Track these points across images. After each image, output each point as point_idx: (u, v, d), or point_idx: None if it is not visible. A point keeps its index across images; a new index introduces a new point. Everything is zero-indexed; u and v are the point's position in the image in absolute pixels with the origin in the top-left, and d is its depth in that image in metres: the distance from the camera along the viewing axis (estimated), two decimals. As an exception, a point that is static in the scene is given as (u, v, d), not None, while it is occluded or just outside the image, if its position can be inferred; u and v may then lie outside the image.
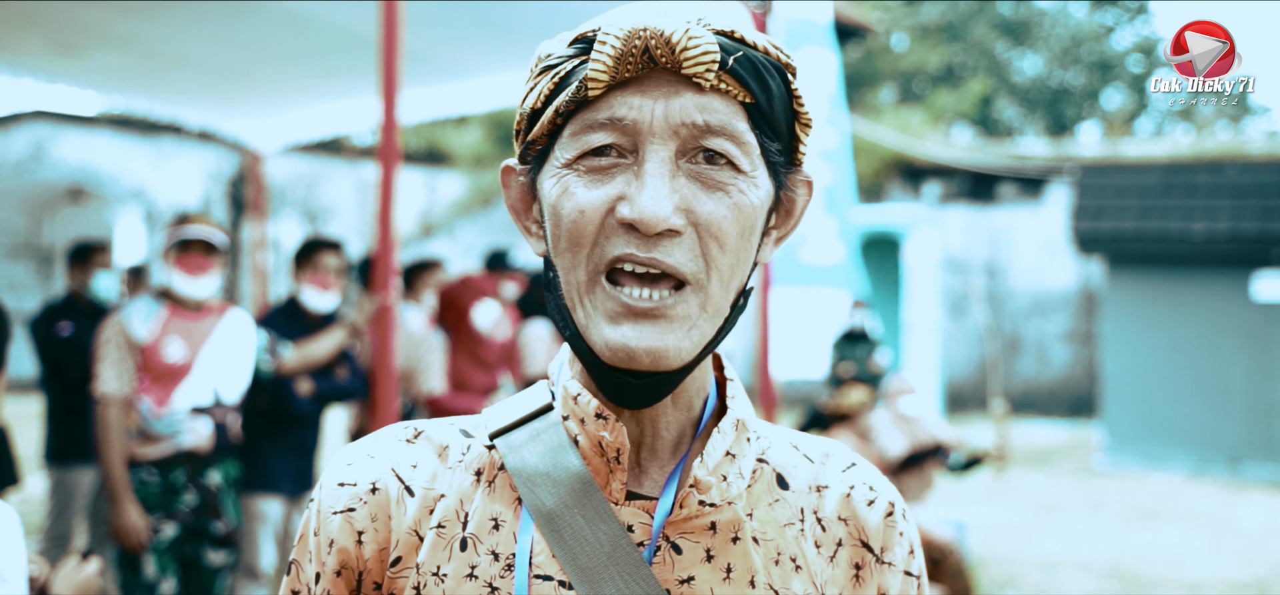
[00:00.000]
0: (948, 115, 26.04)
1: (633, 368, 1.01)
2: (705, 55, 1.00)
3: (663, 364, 1.01)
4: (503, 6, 5.42)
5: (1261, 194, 12.92)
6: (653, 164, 1.00)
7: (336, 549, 1.10)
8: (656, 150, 1.00)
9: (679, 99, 1.01)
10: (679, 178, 1.01)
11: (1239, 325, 13.08)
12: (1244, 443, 13.02)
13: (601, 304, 1.02)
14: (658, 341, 1.00)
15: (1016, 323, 18.01)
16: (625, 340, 1.00)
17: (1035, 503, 10.80)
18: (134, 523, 4.43)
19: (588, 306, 1.03)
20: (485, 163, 20.57)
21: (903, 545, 1.16)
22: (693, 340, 1.03)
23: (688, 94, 1.01)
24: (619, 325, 1.01)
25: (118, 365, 4.49)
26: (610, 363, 1.02)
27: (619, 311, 1.01)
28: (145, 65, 6.66)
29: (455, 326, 6.54)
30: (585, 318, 1.03)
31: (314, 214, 18.67)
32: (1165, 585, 7.91)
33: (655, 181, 0.99)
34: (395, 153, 4.47)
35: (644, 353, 1.00)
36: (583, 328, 1.04)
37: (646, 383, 1.04)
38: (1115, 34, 31.61)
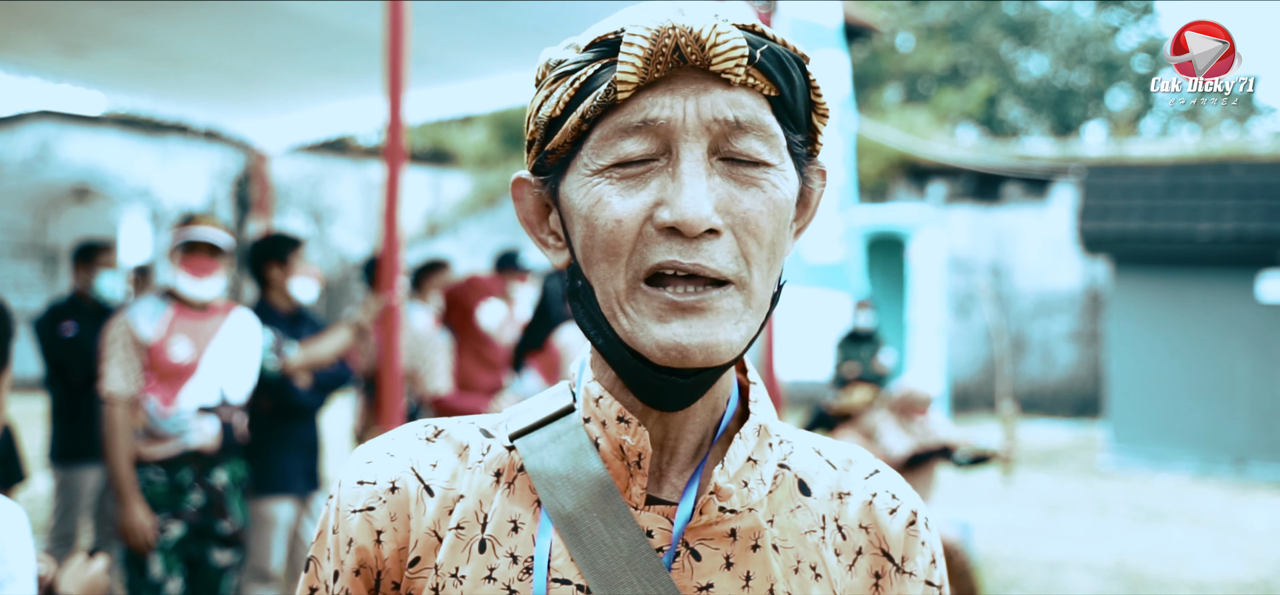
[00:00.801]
0: (953, 115, 26.03)
1: (686, 366, 1.00)
2: (735, 50, 0.99)
3: (715, 358, 1.00)
4: (508, 7, 5.43)
5: (1267, 194, 12.89)
6: (688, 163, 0.99)
7: (355, 548, 1.09)
8: (691, 149, 0.99)
9: (709, 96, 1.00)
10: (714, 177, 1.01)
11: (1244, 326, 13.06)
12: (1249, 443, 13.00)
13: (646, 307, 1.01)
14: (708, 336, 0.99)
15: (1021, 323, 17.99)
16: (676, 337, 0.99)
17: (1040, 503, 10.79)
18: (140, 522, 4.44)
19: (630, 313, 1.02)
20: (490, 163, 20.60)
21: (924, 555, 1.15)
22: (742, 333, 1.02)
23: (717, 90, 1.00)
24: (668, 323, 1.00)
25: (124, 365, 4.50)
26: (663, 363, 1.00)
27: (666, 309, 1.00)
28: (151, 65, 6.68)
29: (461, 326, 6.54)
30: (629, 324, 1.02)
31: (319, 213, 18.70)
32: (1170, 586, 7.90)
33: (693, 182, 0.98)
34: (401, 153, 4.48)
35: (697, 348, 0.99)
36: (627, 335, 1.02)
37: (692, 382, 1.03)
38: (1121, 34, 31.57)
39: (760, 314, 1.04)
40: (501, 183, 20.23)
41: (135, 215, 17.57)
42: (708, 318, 1.00)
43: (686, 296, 0.99)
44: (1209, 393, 13.21)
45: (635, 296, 1.01)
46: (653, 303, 1.00)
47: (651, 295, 1.00)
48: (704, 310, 0.99)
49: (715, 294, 1.00)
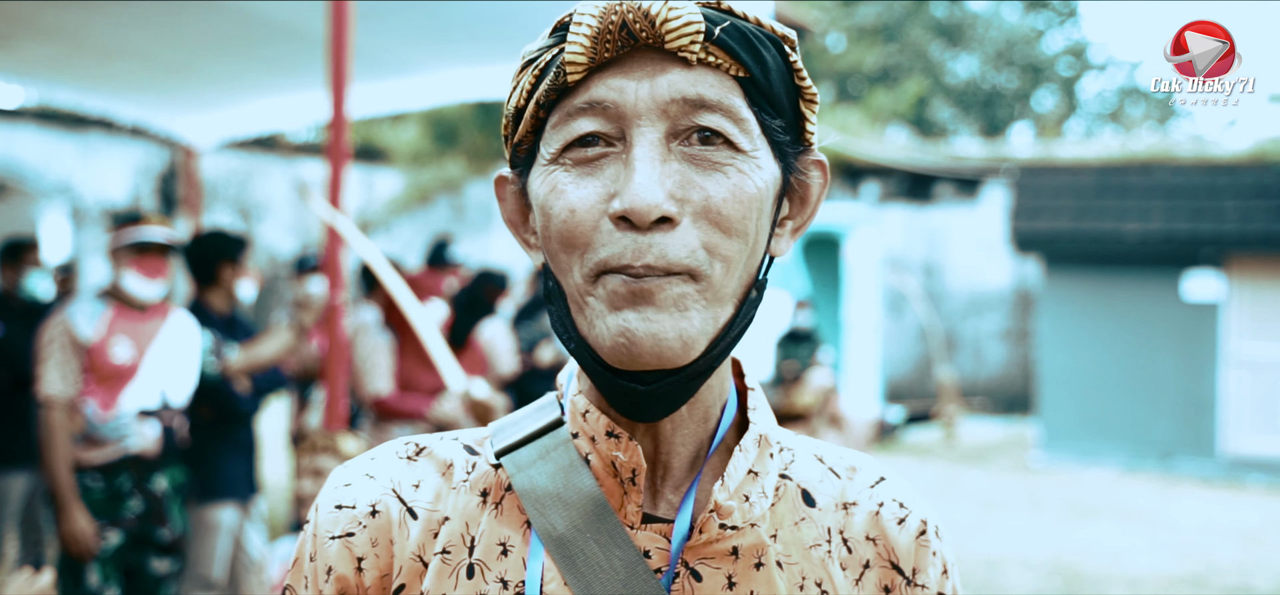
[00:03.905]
0: (884, 115, 26.30)
1: (635, 365, 0.93)
2: (688, 26, 0.92)
3: (667, 354, 0.92)
4: (446, 6, 5.34)
5: (1191, 195, 13.21)
6: (641, 148, 0.92)
7: (335, 577, 1.03)
8: (645, 133, 0.92)
9: (665, 76, 0.93)
10: (671, 161, 0.93)
11: (1170, 324, 13.35)
12: (1175, 439, 13.30)
13: (602, 292, 0.93)
14: (659, 328, 0.91)
15: (953, 321, 18.23)
16: (625, 325, 0.92)
17: (975, 500, 10.92)
18: (82, 530, 4.30)
19: (589, 304, 0.95)
20: (423, 160, 20.38)
21: (936, 566, 1.10)
22: (698, 327, 0.93)
23: (675, 70, 0.93)
24: (620, 311, 0.92)
25: (62, 366, 4.36)
26: (612, 361, 0.94)
27: (619, 291, 0.92)
28: (77, 57, 6.47)
29: (402, 327, 6.43)
30: (587, 320, 0.96)
31: (247, 211, 18.36)
32: (1106, 581, 8.02)
33: (645, 166, 0.91)
34: (344, 150, 4.38)
35: (645, 339, 0.91)
36: (586, 332, 0.96)
37: (656, 389, 0.95)
38: (1046, 37, 32.15)
39: (721, 307, 0.96)
40: (434, 180, 20.03)
41: (55, 213, 17.10)
42: (660, 304, 0.92)
43: (636, 283, 0.91)
44: (1136, 389, 13.49)
45: (595, 288, 0.94)
46: (607, 287, 0.93)
47: (607, 280, 0.93)
48: (653, 295, 0.91)
49: (668, 280, 0.92)
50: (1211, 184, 13.28)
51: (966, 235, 18.07)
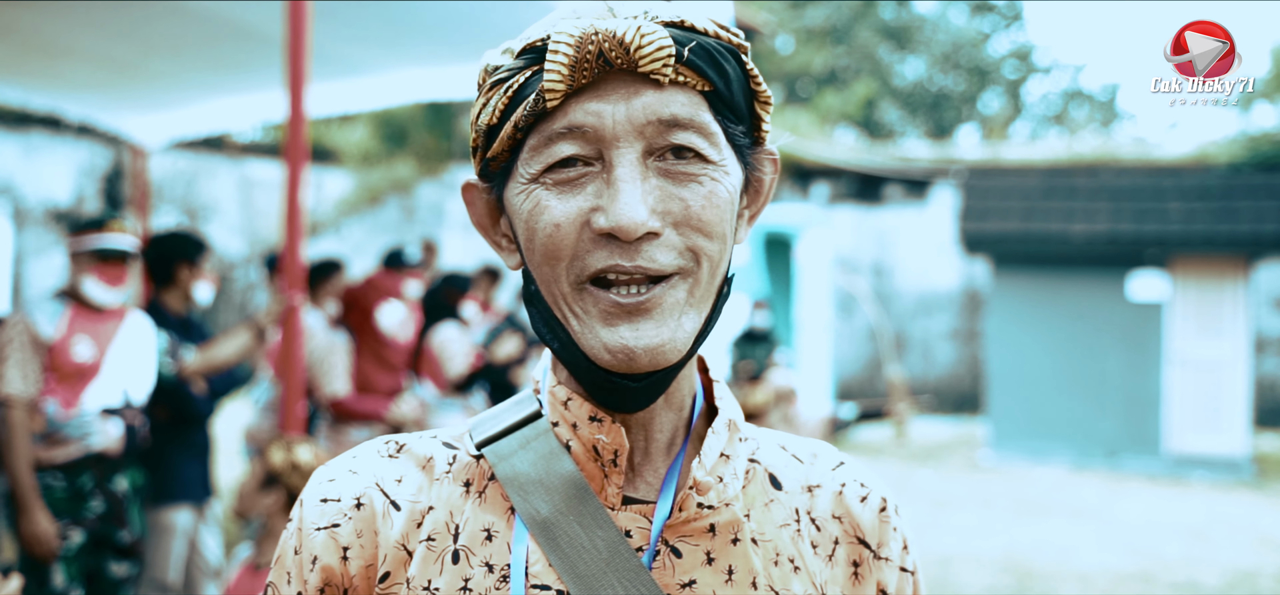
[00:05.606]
0: (832, 117, 26.47)
1: (632, 371, 1.00)
2: (661, 50, 0.98)
3: (661, 360, 1.00)
4: (398, 7, 5.28)
5: (1136, 197, 13.44)
6: (622, 169, 0.98)
7: (320, 566, 1.06)
8: (624, 154, 0.99)
9: (640, 98, 0.99)
10: (650, 179, 1.00)
11: (1116, 323, 13.57)
12: (1121, 436, 13.51)
13: (593, 308, 1.01)
14: (654, 338, 0.99)
15: (903, 322, 18.38)
16: (623, 341, 0.99)
17: (927, 498, 11.02)
18: (45, 530, 4.21)
19: (579, 313, 1.02)
20: (372, 160, 20.20)
21: (897, 540, 1.17)
22: (686, 329, 1.02)
23: (647, 92, 0.99)
24: (615, 327, 1.00)
25: (23, 365, 4.27)
26: (611, 367, 1.00)
27: (612, 311, 0.99)
28: (23, 55, 6.32)
29: (360, 328, 6.37)
30: (579, 326, 1.02)
31: (194, 211, 18.09)
32: (1056, 578, 8.12)
33: (627, 187, 0.97)
34: (303, 150, 4.32)
35: (643, 352, 0.99)
36: (577, 336, 1.02)
37: (645, 384, 1.03)
38: (992, 40, 32.55)
39: (705, 306, 1.04)
40: (384, 181, 19.86)
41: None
42: (655, 317, 1.00)
43: (632, 297, 0.99)
44: (1083, 388, 13.69)
45: (583, 298, 1.01)
46: (600, 304, 1.00)
47: (598, 296, 1.00)
48: (650, 310, 0.99)
49: (660, 289, 1.00)
50: (1156, 186, 13.52)
51: (915, 236, 18.23)
